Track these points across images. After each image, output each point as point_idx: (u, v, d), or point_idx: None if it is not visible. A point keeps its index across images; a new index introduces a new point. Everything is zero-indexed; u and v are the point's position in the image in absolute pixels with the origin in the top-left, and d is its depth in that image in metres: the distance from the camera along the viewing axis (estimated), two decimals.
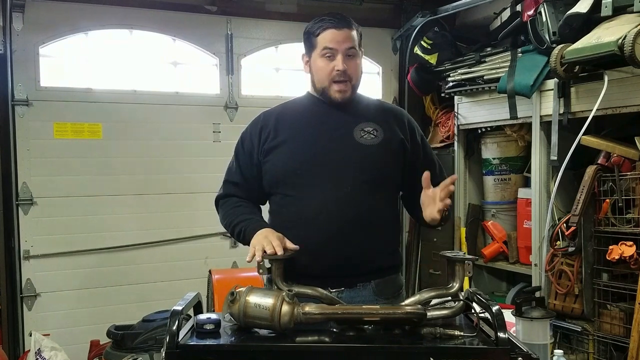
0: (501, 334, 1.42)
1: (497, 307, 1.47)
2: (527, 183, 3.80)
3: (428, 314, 1.56)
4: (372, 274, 1.94)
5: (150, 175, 4.12)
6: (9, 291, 3.77)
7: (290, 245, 1.78)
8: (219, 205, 2.07)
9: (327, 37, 1.92)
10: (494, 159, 3.98)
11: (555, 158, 3.18)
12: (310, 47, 1.97)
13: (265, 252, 1.72)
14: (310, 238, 1.85)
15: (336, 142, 1.92)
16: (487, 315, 1.52)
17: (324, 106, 1.98)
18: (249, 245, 1.86)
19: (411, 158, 1.99)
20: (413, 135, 2.03)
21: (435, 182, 1.85)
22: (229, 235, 2.04)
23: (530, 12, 3.31)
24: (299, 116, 2.00)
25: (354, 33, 1.95)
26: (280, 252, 1.72)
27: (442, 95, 4.18)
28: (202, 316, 1.57)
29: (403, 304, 1.65)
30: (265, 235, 1.79)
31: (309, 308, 1.53)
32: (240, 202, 2.02)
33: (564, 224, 3.04)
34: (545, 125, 3.33)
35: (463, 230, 4.12)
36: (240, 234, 1.94)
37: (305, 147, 1.93)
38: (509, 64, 3.45)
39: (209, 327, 1.52)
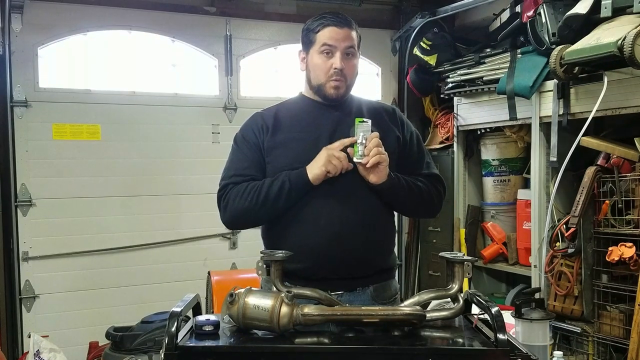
0: (501, 336, 1.41)
1: (496, 308, 1.47)
2: (526, 184, 3.80)
3: (427, 315, 1.56)
4: (372, 276, 1.93)
5: (149, 176, 4.11)
6: (8, 293, 3.77)
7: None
8: (228, 193, 1.90)
9: (327, 34, 1.91)
10: (493, 160, 3.98)
11: (555, 159, 3.18)
12: (308, 43, 1.96)
13: (264, 253, 1.71)
14: (311, 239, 1.83)
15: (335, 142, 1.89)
16: (486, 316, 1.52)
17: (319, 107, 1.97)
18: (295, 198, 1.84)
19: (402, 152, 1.99)
20: (404, 128, 2.03)
21: (420, 175, 1.99)
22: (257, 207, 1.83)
23: (530, 13, 3.31)
24: (296, 117, 1.98)
25: (354, 34, 1.95)
26: (346, 165, 1.82)
27: (442, 96, 4.19)
28: (201, 317, 1.56)
29: (402, 305, 1.64)
30: (326, 155, 1.81)
31: (308, 309, 1.52)
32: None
33: (564, 225, 3.04)
34: (545, 127, 3.33)
35: (462, 231, 4.11)
36: (284, 186, 1.83)
37: (305, 148, 1.90)
38: (508, 65, 3.45)
39: (207, 328, 1.52)
